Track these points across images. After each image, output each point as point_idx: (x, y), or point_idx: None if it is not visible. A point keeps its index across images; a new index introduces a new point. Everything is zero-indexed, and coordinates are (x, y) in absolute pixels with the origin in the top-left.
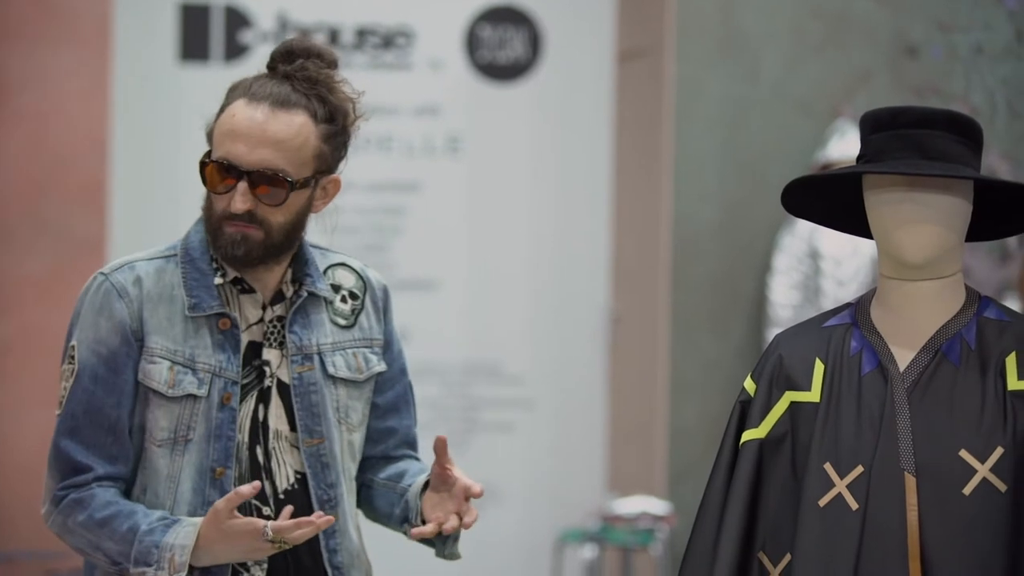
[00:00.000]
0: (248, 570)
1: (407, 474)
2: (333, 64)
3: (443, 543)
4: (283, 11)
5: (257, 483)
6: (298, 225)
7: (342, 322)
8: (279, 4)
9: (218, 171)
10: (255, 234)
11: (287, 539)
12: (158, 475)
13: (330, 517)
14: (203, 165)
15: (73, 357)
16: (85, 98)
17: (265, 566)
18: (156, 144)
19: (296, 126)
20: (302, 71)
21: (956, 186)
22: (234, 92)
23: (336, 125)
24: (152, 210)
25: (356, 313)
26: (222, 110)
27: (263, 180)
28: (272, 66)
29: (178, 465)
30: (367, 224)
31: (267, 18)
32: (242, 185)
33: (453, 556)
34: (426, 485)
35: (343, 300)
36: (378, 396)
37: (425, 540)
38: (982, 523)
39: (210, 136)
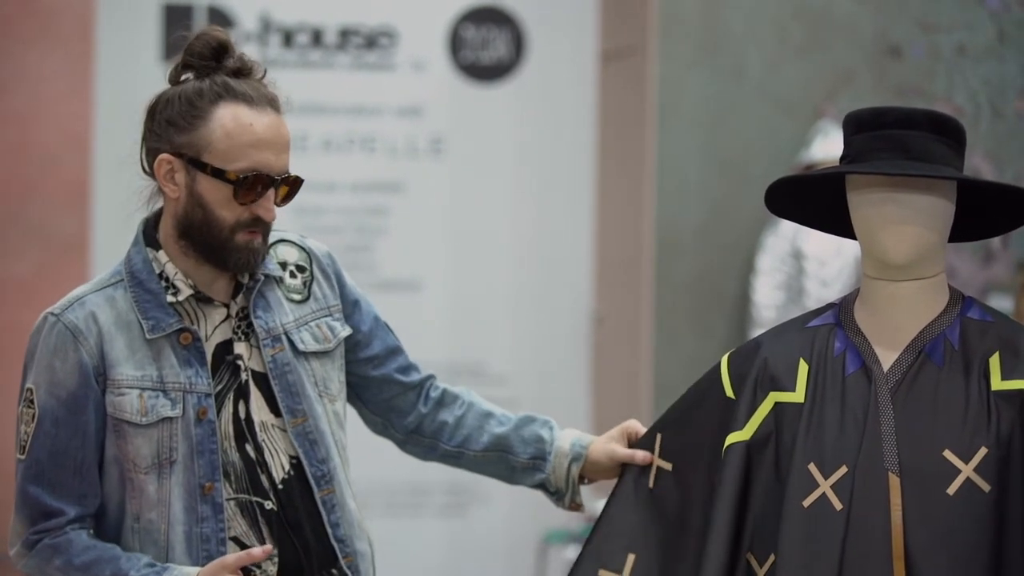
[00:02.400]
0: (260, 567)
1: (507, 442)
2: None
3: (572, 492)
4: (266, 11)
5: (269, 547)
6: None
7: (296, 297)
8: (262, 4)
9: (253, 183)
10: (260, 239)
11: None
12: (149, 501)
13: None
14: (242, 180)
15: (32, 401)
16: (68, 98)
17: (276, 559)
18: (139, 145)
19: (286, 125)
20: (248, 66)
21: (939, 187)
22: (217, 97)
23: None
24: (135, 211)
25: (308, 285)
26: (199, 116)
27: (288, 185)
28: (215, 63)
29: (167, 488)
30: (350, 224)
31: (250, 18)
32: (272, 193)
33: (579, 506)
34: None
35: (292, 275)
36: (368, 350)
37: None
38: (966, 523)
39: (205, 150)
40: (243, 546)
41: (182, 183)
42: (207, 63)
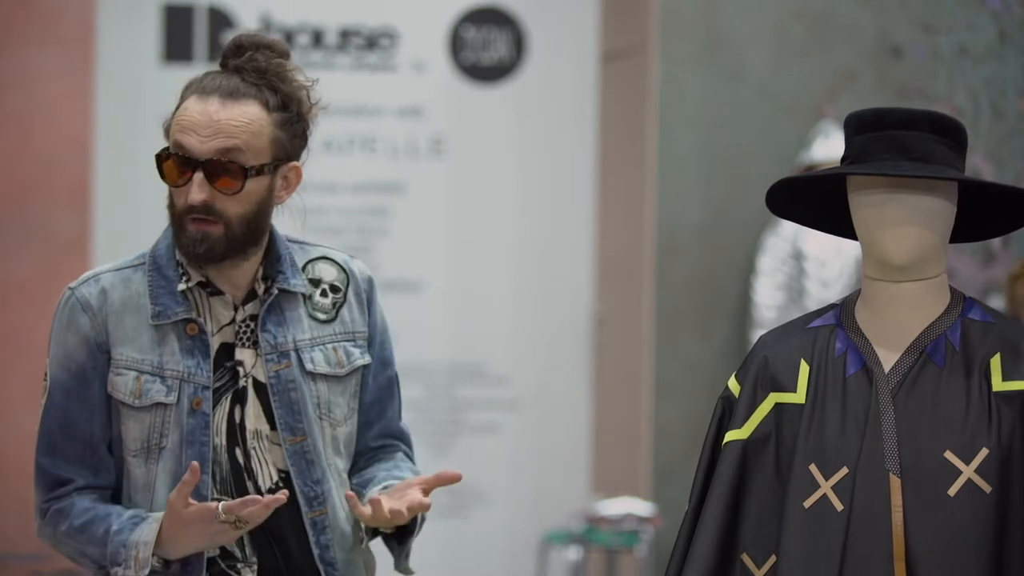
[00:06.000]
0: (239, 572)
1: (374, 480)
2: (284, 54)
3: (397, 558)
4: (266, 12)
5: (196, 465)
6: (259, 216)
7: (321, 316)
8: (262, 5)
9: (175, 164)
10: (215, 230)
11: (241, 517)
12: (136, 484)
13: (282, 496)
14: (160, 159)
15: (47, 374)
16: (69, 99)
17: (255, 566)
18: (140, 145)
19: (248, 115)
20: (251, 62)
21: (940, 187)
22: (187, 90)
23: (290, 112)
24: (136, 211)
25: (337, 307)
26: (176, 109)
27: (218, 169)
28: (223, 63)
29: (153, 473)
30: (351, 225)
31: (250, 19)
32: (198, 176)
33: (406, 572)
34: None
35: (323, 294)
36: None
37: (388, 545)
38: (967, 524)
39: (167, 134)
40: (221, 548)
41: None
42: (224, 62)
